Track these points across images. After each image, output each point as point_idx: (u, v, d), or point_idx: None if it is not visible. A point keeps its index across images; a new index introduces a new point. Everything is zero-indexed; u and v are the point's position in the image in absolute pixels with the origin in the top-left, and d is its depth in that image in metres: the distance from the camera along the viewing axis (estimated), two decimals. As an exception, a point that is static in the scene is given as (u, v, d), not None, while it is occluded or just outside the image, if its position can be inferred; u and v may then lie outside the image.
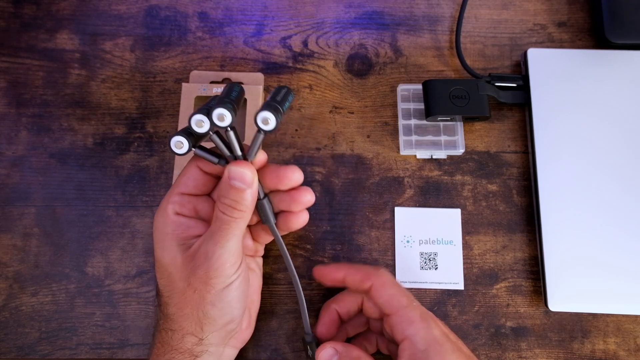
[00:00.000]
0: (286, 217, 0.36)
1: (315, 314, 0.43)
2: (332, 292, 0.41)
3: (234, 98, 0.32)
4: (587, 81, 0.46)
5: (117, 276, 0.43)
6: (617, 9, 0.47)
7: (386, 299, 0.35)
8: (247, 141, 0.45)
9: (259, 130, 0.32)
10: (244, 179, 0.32)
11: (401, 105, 0.47)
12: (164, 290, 0.35)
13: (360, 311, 0.39)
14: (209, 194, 0.37)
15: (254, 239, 0.39)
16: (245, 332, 0.38)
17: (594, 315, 0.42)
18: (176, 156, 0.44)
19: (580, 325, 0.42)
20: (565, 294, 0.41)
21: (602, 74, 0.47)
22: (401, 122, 0.46)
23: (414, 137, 0.46)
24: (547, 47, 0.49)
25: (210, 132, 0.32)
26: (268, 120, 0.31)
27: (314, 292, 0.43)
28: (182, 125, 0.45)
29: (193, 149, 0.33)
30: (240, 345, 0.38)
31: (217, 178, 0.36)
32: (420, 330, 0.33)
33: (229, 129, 0.32)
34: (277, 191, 0.36)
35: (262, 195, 0.35)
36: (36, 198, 0.45)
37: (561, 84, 0.46)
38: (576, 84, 0.46)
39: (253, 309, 0.39)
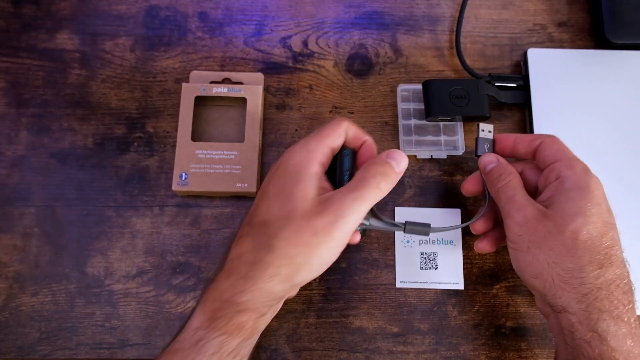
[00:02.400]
0: None
1: (316, 314, 0.43)
2: (336, 292, 0.41)
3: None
4: (587, 81, 0.46)
5: (117, 276, 0.43)
6: (617, 9, 0.47)
7: (554, 150, 0.37)
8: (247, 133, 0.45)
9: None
10: (400, 163, 0.35)
11: (401, 105, 0.47)
12: (274, 223, 0.32)
13: None
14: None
15: None
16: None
17: (594, 315, 0.42)
18: (176, 156, 0.44)
19: (580, 325, 0.42)
20: (565, 294, 0.41)
21: (602, 74, 0.47)
22: (401, 122, 0.46)
23: (414, 137, 0.46)
24: (547, 47, 0.49)
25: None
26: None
27: (313, 292, 0.43)
28: (182, 125, 0.45)
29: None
30: None
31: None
32: (577, 176, 0.35)
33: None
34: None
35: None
36: (36, 198, 0.45)
37: (561, 84, 0.46)
38: (576, 84, 0.46)
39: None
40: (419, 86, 0.46)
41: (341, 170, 0.37)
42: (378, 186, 0.34)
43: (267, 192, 0.34)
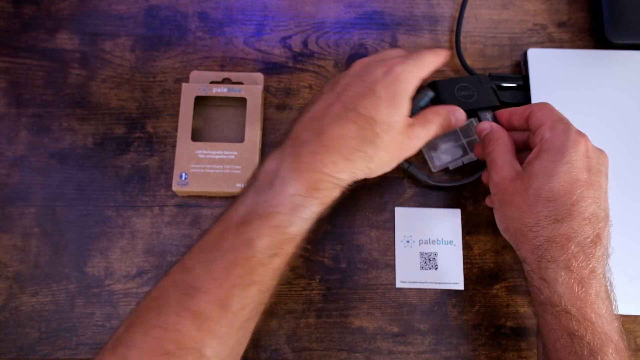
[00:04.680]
0: None
1: (315, 314, 0.43)
2: (336, 292, 0.41)
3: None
4: (587, 81, 0.46)
5: (117, 276, 0.43)
6: (617, 9, 0.47)
7: (539, 115, 0.39)
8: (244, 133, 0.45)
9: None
10: (459, 119, 0.41)
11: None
12: (380, 125, 0.36)
13: None
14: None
15: None
16: None
17: (594, 315, 0.42)
18: (176, 156, 0.44)
19: (580, 325, 0.42)
20: (565, 294, 0.41)
21: (602, 74, 0.47)
22: None
23: (439, 151, 0.45)
24: (547, 47, 0.49)
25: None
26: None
27: (313, 292, 0.43)
28: (182, 125, 0.45)
29: None
30: None
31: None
32: (553, 137, 0.37)
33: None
34: None
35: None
36: (36, 198, 0.45)
37: (561, 84, 0.46)
38: (576, 84, 0.46)
39: None
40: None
41: (417, 106, 0.41)
42: (438, 122, 0.40)
43: (378, 91, 0.36)
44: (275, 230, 0.33)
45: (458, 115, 0.41)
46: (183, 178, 0.43)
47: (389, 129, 0.36)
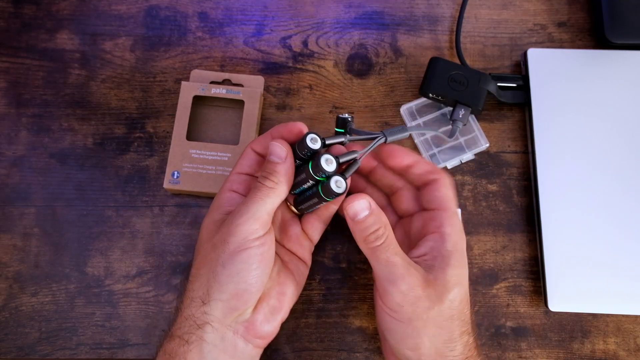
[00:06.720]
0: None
1: (316, 314, 0.43)
2: (336, 292, 0.41)
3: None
4: (587, 81, 0.46)
5: (117, 276, 0.43)
6: (617, 9, 0.47)
7: (442, 196, 0.35)
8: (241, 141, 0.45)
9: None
10: (280, 154, 0.34)
11: (411, 124, 0.46)
12: (194, 255, 0.35)
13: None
14: None
15: (304, 229, 0.39)
16: (261, 326, 0.34)
17: (594, 315, 0.42)
18: (170, 154, 0.44)
19: (580, 325, 0.42)
20: (565, 294, 0.41)
21: (602, 74, 0.47)
22: (418, 139, 0.46)
23: (435, 150, 0.45)
24: (547, 47, 0.49)
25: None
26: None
27: (313, 292, 0.43)
28: (178, 123, 0.45)
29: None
30: (259, 342, 0.35)
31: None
32: (456, 236, 0.34)
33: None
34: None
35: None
36: (36, 198, 0.45)
37: (561, 84, 0.46)
38: (576, 84, 0.46)
39: (276, 308, 0.36)
40: (420, 100, 0.46)
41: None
42: (264, 185, 0.34)
43: None
44: None
45: (277, 152, 0.34)
46: (175, 176, 0.43)
47: (196, 251, 0.36)
